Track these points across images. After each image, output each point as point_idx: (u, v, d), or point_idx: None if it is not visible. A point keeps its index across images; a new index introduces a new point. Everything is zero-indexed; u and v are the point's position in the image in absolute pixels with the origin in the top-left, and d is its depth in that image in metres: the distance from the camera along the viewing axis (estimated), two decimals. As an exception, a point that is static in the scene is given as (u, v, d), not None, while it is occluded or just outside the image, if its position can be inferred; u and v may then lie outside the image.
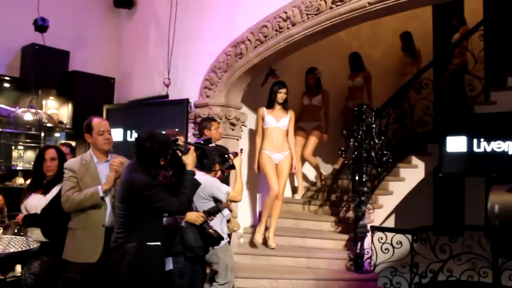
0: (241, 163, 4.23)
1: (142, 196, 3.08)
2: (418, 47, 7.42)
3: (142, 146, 3.18)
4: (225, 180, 4.15)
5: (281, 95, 5.62)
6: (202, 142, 3.56)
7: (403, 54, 7.54)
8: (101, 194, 3.52)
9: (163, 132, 3.72)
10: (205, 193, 3.88)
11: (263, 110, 5.68)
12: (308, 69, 6.65)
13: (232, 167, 4.15)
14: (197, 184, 3.33)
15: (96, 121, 3.76)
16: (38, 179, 3.95)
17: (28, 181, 5.23)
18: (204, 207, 3.85)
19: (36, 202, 3.81)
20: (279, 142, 5.61)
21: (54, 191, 3.83)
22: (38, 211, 3.79)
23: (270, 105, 5.67)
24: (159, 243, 3.18)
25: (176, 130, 4.66)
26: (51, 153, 3.91)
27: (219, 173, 4.11)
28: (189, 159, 3.29)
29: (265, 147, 5.59)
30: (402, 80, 7.19)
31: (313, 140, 6.60)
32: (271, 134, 5.61)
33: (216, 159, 4.02)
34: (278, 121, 5.62)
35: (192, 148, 3.33)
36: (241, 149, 4.36)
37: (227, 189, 3.92)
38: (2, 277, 3.23)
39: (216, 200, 3.91)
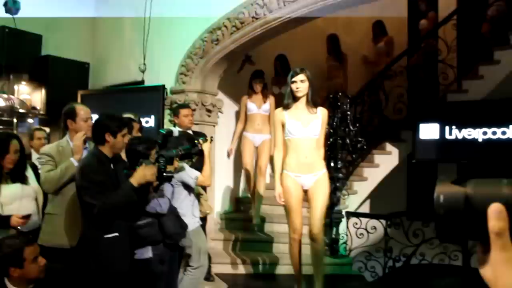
0: (210, 149, 4.23)
1: (78, 181, 3.11)
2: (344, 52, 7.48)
3: (94, 122, 3.35)
4: (195, 166, 4.13)
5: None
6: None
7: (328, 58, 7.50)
8: (75, 164, 3.47)
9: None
10: (176, 177, 3.87)
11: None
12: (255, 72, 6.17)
13: (201, 152, 4.14)
14: (130, 197, 3.10)
15: (80, 107, 3.72)
16: None
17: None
18: (177, 193, 3.84)
19: (17, 193, 3.63)
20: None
21: (31, 178, 3.77)
22: (30, 202, 3.70)
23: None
24: (116, 233, 3.12)
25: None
26: (16, 145, 3.62)
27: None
28: (138, 173, 3.11)
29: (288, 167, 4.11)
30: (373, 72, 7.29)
31: None
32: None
33: (184, 144, 3.99)
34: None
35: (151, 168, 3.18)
36: (211, 137, 4.36)
37: (195, 173, 3.89)
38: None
39: (185, 185, 3.89)
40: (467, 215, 0.79)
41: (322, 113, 4.01)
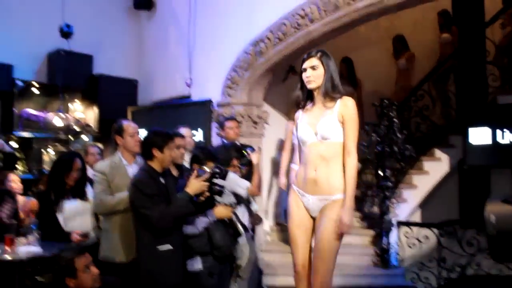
0: (259, 159, 4.27)
1: (131, 196, 3.23)
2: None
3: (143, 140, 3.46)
4: (245, 177, 4.18)
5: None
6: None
7: None
8: None
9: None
10: (226, 188, 3.93)
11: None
12: None
13: (250, 162, 4.19)
14: (188, 208, 3.27)
15: (127, 123, 3.86)
16: (60, 186, 3.85)
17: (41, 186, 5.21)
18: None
19: (78, 208, 3.83)
20: None
21: (89, 194, 3.94)
22: (89, 218, 3.87)
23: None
24: (170, 246, 3.25)
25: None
26: (79, 164, 3.88)
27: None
28: (192, 184, 3.27)
29: None
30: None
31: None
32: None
33: (233, 154, 4.06)
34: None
35: (203, 177, 3.32)
36: (259, 147, 4.40)
37: (246, 184, 3.93)
38: (42, 279, 3.33)
39: (235, 195, 3.95)
40: None
41: (341, 105, 2.90)
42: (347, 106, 2.90)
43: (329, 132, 2.89)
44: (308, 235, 3.02)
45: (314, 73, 2.92)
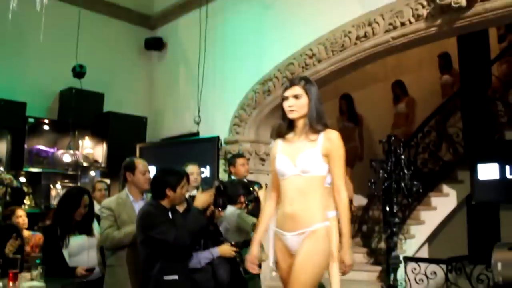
0: (265, 196, 4.28)
1: (142, 227, 3.27)
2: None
3: (153, 177, 3.52)
4: (251, 213, 4.21)
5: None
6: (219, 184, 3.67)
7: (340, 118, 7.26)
8: None
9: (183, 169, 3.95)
10: (231, 224, 3.95)
11: None
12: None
13: (257, 199, 4.22)
14: (200, 220, 3.39)
15: (138, 161, 3.93)
16: (67, 221, 3.82)
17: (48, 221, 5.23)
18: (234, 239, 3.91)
19: (84, 244, 3.86)
20: None
21: (95, 230, 3.98)
22: (94, 253, 3.91)
23: None
24: (176, 276, 3.26)
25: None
26: (87, 200, 3.91)
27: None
28: (199, 197, 3.43)
29: None
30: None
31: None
32: None
33: (240, 191, 4.09)
34: None
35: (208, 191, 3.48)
36: (266, 184, 4.43)
37: (252, 220, 3.94)
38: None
39: (241, 231, 3.96)
40: None
41: (325, 139, 2.66)
42: (331, 140, 2.68)
43: (310, 165, 2.66)
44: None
45: (297, 102, 2.68)
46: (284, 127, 2.79)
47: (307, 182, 2.68)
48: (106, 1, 7.29)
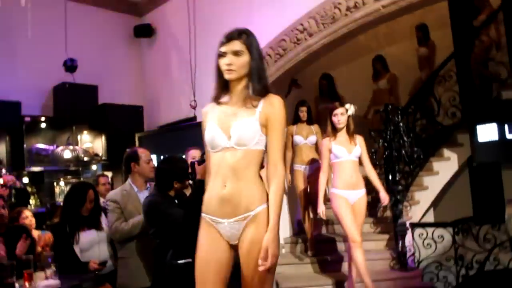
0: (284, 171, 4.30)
1: (151, 218, 3.26)
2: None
3: (157, 168, 3.47)
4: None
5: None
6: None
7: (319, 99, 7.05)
8: None
9: (183, 157, 3.88)
10: None
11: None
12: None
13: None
14: (202, 189, 3.35)
15: (142, 150, 3.95)
16: (75, 217, 3.84)
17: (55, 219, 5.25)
18: None
19: (94, 239, 3.91)
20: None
21: (103, 223, 4.00)
22: (105, 247, 3.93)
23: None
24: (189, 259, 3.25)
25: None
26: (92, 194, 3.92)
27: None
28: (201, 169, 3.14)
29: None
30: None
31: None
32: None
33: None
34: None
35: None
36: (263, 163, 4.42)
37: None
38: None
39: None
40: None
41: (266, 105, 2.28)
42: (273, 105, 2.28)
43: (247, 137, 2.24)
44: (222, 273, 2.30)
45: (236, 60, 2.25)
46: (219, 89, 2.36)
47: (244, 158, 2.24)
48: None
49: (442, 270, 5.27)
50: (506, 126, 5.82)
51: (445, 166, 6.23)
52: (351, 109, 4.50)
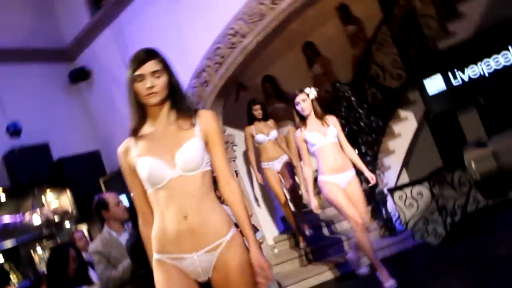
0: (239, 183, 4.31)
1: (137, 260, 3.17)
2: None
3: (130, 208, 3.50)
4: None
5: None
6: None
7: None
8: None
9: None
10: None
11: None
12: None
13: None
14: None
15: (108, 195, 3.85)
16: (62, 281, 3.67)
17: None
18: None
19: None
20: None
21: (93, 277, 3.89)
22: None
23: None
24: None
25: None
26: (73, 253, 3.75)
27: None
28: None
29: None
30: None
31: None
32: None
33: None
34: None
35: None
36: (236, 171, 4.46)
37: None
38: None
39: None
40: (501, 172, 0.86)
41: (202, 121, 2.12)
42: (209, 120, 2.14)
43: (196, 161, 2.05)
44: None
45: (157, 81, 2.07)
46: (138, 119, 2.12)
47: (201, 182, 2.06)
48: (14, 48, 6.91)
49: (430, 224, 5.40)
50: (450, 74, 6.03)
51: (405, 127, 6.39)
52: (311, 92, 4.28)
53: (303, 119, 4.28)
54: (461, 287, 3.78)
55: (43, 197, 6.54)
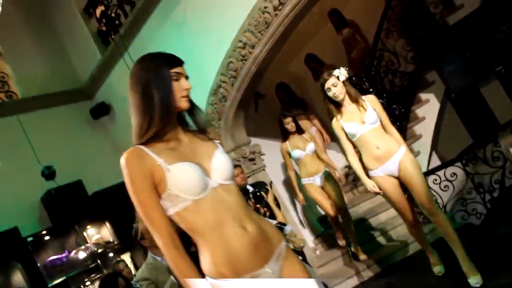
0: (273, 195, 4.35)
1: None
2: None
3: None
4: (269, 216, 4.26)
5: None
6: None
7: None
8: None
9: None
10: None
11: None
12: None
13: (267, 204, 4.26)
14: None
15: (142, 224, 3.92)
16: None
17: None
18: None
19: None
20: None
21: None
22: None
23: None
24: None
25: None
26: (122, 282, 3.86)
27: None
28: None
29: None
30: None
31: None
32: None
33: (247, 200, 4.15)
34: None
35: None
36: (271, 182, 4.49)
37: (273, 222, 3.90)
38: None
39: None
40: None
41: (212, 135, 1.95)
42: (219, 140, 1.98)
43: (231, 169, 1.86)
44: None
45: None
46: (164, 122, 1.80)
47: (234, 191, 1.84)
48: (36, 95, 7.20)
49: (469, 204, 5.31)
50: (464, 49, 5.95)
51: (428, 109, 6.33)
52: (341, 73, 3.74)
53: (338, 105, 3.80)
54: None
55: (84, 232, 6.72)
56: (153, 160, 1.75)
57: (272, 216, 4.12)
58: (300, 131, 5.23)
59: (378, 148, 3.69)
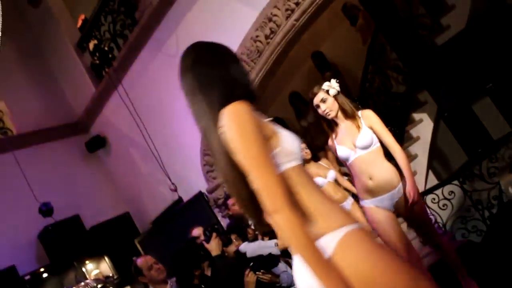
0: None
1: None
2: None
3: (172, 266, 3.51)
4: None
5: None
6: (211, 227, 3.59)
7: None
8: None
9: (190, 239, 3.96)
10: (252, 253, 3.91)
11: None
12: None
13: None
14: (229, 263, 3.42)
15: (140, 260, 3.88)
16: None
17: None
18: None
19: None
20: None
21: None
22: None
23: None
24: None
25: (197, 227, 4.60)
26: None
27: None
28: (212, 245, 3.37)
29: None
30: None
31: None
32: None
33: (243, 224, 4.11)
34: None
35: (214, 234, 3.45)
36: None
37: (272, 242, 3.79)
38: None
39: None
40: None
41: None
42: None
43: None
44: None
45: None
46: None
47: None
48: (32, 131, 7.19)
49: (468, 221, 5.31)
50: (453, 67, 6.02)
51: (422, 129, 6.36)
52: (332, 86, 3.19)
53: (330, 124, 3.26)
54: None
55: (83, 268, 6.63)
56: (262, 118, 1.59)
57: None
58: (316, 157, 4.83)
59: (371, 179, 3.12)
